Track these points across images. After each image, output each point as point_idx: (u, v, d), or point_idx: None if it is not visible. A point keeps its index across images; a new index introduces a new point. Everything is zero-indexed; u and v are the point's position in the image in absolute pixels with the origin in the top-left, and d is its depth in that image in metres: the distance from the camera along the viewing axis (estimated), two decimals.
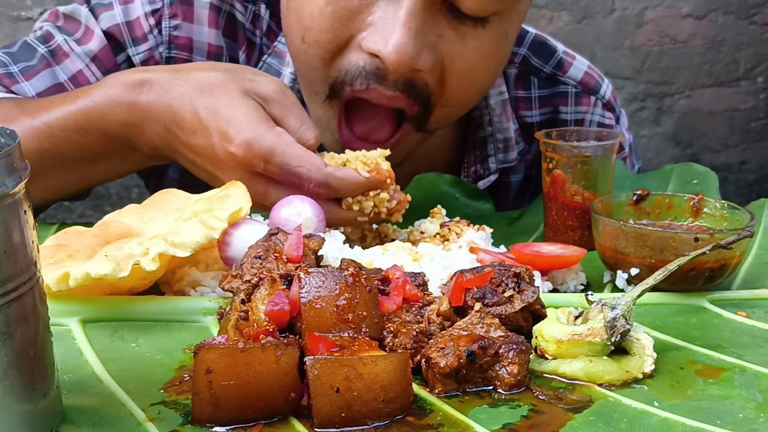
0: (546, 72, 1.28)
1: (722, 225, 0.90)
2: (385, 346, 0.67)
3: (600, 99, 1.31)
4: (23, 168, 0.54)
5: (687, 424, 0.61)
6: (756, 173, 3.02)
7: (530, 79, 1.27)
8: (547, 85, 1.28)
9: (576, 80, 1.29)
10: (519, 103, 1.27)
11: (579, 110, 1.29)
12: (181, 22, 1.14)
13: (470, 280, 0.74)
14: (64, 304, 0.76)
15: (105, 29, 1.14)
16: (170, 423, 0.60)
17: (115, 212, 0.90)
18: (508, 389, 0.65)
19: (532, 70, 1.27)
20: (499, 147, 1.24)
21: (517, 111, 1.26)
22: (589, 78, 1.30)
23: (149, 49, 1.15)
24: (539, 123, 1.28)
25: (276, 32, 1.18)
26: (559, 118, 1.29)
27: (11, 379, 0.54)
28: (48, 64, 1.12)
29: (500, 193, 1.30)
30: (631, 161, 1.36)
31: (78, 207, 2.53)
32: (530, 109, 1.28)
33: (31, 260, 0.55)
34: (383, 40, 0.93)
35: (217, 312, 0.78)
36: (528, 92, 1.27)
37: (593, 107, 1.30)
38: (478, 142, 1.24)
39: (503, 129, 1.23)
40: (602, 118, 1.31)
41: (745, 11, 2.81)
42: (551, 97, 1.28)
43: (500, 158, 1.24)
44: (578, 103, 1.29)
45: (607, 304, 0.70)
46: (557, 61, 1.29)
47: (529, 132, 1.27)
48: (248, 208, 0.86)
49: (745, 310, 0.82)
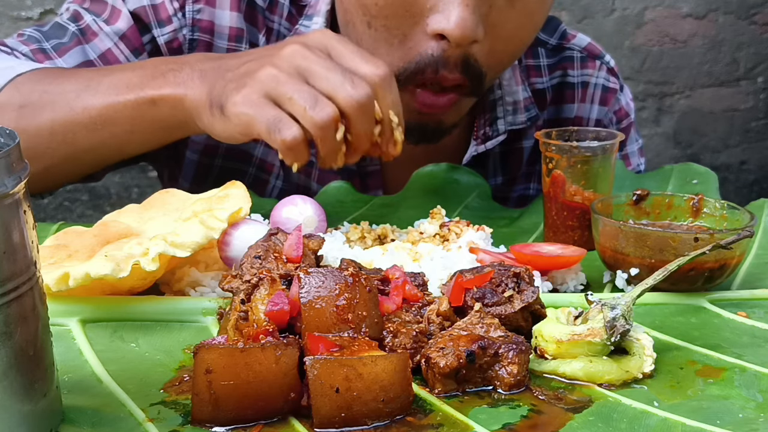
0: (552, 44, 1.34)
1: (722, 225, 0.90)
2: (385, 346, 0.67)
3: (605, 63, 1.36)
4: (23, 168, 0.55)
5: (687, 424, 0.61)
6: (756, 173, 3.02)
7: (538, 50, 1.33)
8: (554, 54, 1.34)
9: (580, 47, 1.35)
10: (530, 71, 1.32)
11: (585, 72, 1.35)
12: (204, 6, 1.18)
13: (470, 280, 0.74)
14: (64, 304, 0.76)
15: (131, 10, 1.17)
16: (170, 423, 0.61)
17: (114, 212, 0.90)
18: (507, 389, 0.65)
19: (538, 43, 1.33)
20: (508, 109, 1.28)
21: (528, 79, 1.32)
22: (592, 47, 1.37)
23: (173, 30, 1.18)
24: (550, 88, 1.34)
25: (296, 17, 1.22)
26: (567, 81, 1.34)
27: (11, 379, 0.54)
28: (79, 42, 1.15)
29: (513, 158, 1.33)
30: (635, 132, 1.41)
31: (78, 207, 2.53)
32: (540, 76, 1.33)
33: (30, 260, 0.55)
34: (445, 19, 0.98)
35: (217, 312, 0.78)
36: (537, 61, 1.33)
37: (598, 70, 1.35)
38: (488, 105, 1.27)
39: (512, 92, 1.28)
40: (607, 81, 1.36)
41: (745, 11, 2.81)
42: (559, 62, 1.34)
43: (509, 120, 1.27)
44: (584, 66, 1.35)
45: (606, 304, 0.70)
46: (561, 32, 1.35)
47: (541, 98, 1.33)
48: (248, 208, 0.86)
49: (745, 310, 0.82)
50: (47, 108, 1.01)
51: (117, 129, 1.01)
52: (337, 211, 1.08)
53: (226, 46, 1.20)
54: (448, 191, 1.17)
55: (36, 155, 1.00)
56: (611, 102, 1.36)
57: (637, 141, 1.41)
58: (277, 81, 0.89)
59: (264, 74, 0.90)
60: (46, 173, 1.04)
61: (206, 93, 0.94)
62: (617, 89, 1.37)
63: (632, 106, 1.41)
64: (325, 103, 0.88)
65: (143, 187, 2.60)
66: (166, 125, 1.00)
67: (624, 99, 1.38)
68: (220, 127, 0.94)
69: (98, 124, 1.00)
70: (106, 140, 1.02)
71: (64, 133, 1.01)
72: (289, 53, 0.91)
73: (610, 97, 1.36)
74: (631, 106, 1.40)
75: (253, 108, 0.89)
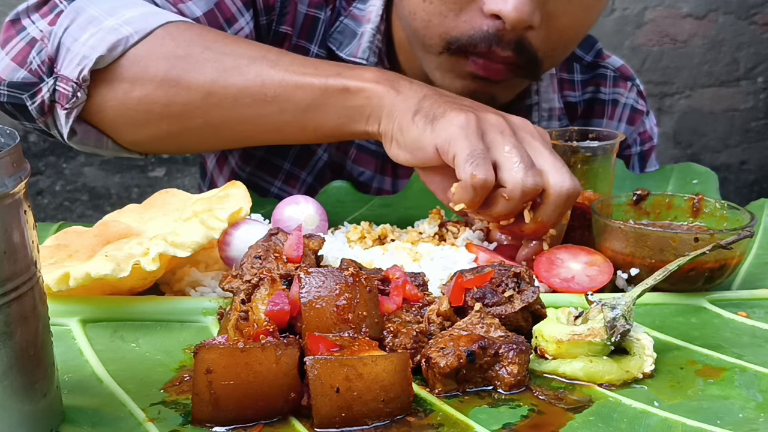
0: (587, 61, 1.36)
1: (722, 225, 0.90)
2: (385, 346, 0.67)
3: (636, 86, 1.39)
4: (23, 168, 0.55)
5: (687, 424, 0.61)
6: (756, 173, 3.02)
7: (573, 65, 1.35)
8: (588, 71, 1.37)
9: (614, 67, 1.38)
10: (564, 84, 1.34)
11: (616, 91, 1.37)
12: None
13: (470, 280, 0.74)
14: (64, 304, 0.76)
15: None
16: (170, 423, 0.61)
17: (115, 212, 0.90)
18: (508, 389, 0.65)
19: (574, 58, 1.35)
20: (543, 115, 1.29)
21: (561, 91, 1.34)
22: (625, 69, 1.39)
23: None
24: (582, 102, 1.36)
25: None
26: (598, 98, 1.37)
27: (11, 379, 0.54)
28: None
29: None
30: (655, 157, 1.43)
31: (78, 207, 2.53)
32: (573, 90, 1.35)
33: (31, 260, 0.55)
34: (503, 1, 0.99)
35: (217, 312, 0.78)
36: (571, 75, 1.35)
37: (629, 91, 1.38)
38: (523, 110, 1.28)
39: (548, 99, 1.30)
40: (636, 102, 1.38)
41: (745, 11, 2.81)
42: (592, 78, 1.36)
43: (544, 126, 1.28)
44: (616, 85, 1.37)
45: (607, 304, 0.70)
46: (597, 51, 1.38)
47: (572, 111, 1.35)
48: (248, 208, 0.86)
49: (745, 310, 0.82)
50: (209, 65, 0.95)
51: (289, 106, 0.95)
52: (337, 211, 1.08)
53: (305, 11, 1.19)
54: None
55: (181, 113, 0.96)
56: (638, 123, 1.38)
57: (656, 166, 1.42)
58: (502, 128, 0.86)
59: (488, 116, 0.87)
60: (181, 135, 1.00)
61: (416, 101, 0.90)
62: (644, 111, 1.40)
63: (656, 131, 1.43)
64: (537, 173, 0.84)
65: (143, 187, 2.60)
66: (343, 115, 0.95)
67: (649, 123, 1.41)
68: (412, 136, 0.88)
69: (269, 97, 0.94)
70: (267, 116, 0.96)
71: (223, 96, 0.95)
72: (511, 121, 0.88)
73: (637, 117, 1.38)
74: (654, 131, 1.42)
75: (466, 133, 0.84)
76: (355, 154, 1.27)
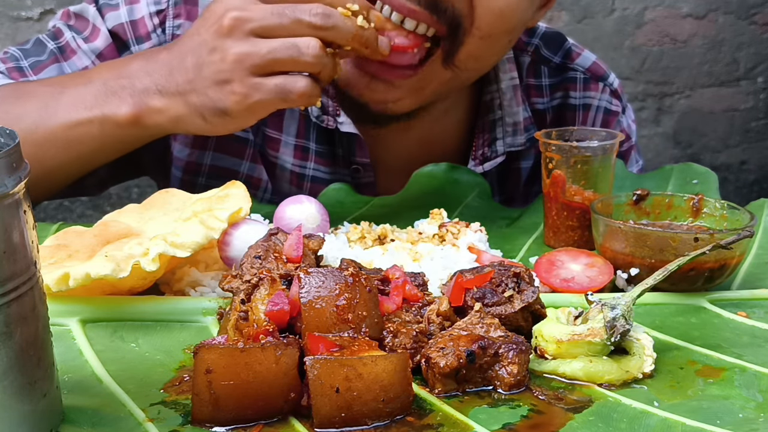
0: (555, 62, 1.31)
1: (722, 225, 0.90)
2: (385, 346, 0.67)
3: (608, 85, 1.34)
4: (23, 168, 0.55)
5: (687, 424, 0.61)
6: (756, 173, 3.02)
7: (541, 68, 1.30)
8: (557, 74, 1.31)
9: (584, 67, 1.32)
10: (531, 90, 1.30)
11: (587, 95, 1.32)
12: (184, 21, 1.16)
13: (470, 280, 0.74)
14: (64, 304, 0.76)
15: (110, 28, 1.16)
16: (170, 423, 0.61)
17: (115, 212, 0.90)
18: (507, 389, 0.65)
19: (542, 60, 1.31)
20: (508, 130, 1.26)
21: (529, 99, 1.29)
22: (596, 67, 1.33)
23: (152, 47, 1.16)
24: (551, 109, 1.31)
25: None
26: (568, 103, 1.32)
27: (11, 379, 0.54)
28: (56, 60, 1.15)
29: (510, 179, 1.31)
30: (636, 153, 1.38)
31: (78, 207, 2.53)
32: (541, 96, 1.31)
33: (30, 260, 0.55)
34: None
35: (217, 312, 0.78)
36: (539, 80, 1.30)
37: (601, 93, 1.33)
38: (487, 126, 1.26)
39: (513, 113, 1.26)
40: (609, 104, 1.33)
41: (745, 11, 2.81)
42: (561, 83, 1.31)
43: (508, 141, 1.26)
44: (587, 88, 1.32)
45: (607, 304, 0.70)
46: (566, 51, 1.32)
47: (541, 118, 1.30)
48: (248, 208, 0.86)
49: (745, 310, 0.82)
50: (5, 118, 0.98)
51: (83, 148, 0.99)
52: (337, 212, 1.08)
53: None
54: (448, 191, 1.17)
55: None
56: (612, 125, 1.33)
57: (638, 162, 1.39)
58: (248, 55, 0.88)
59: (232, 58, 0.89)
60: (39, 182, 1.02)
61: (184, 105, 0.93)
62: (619, 112, 1.34)
63: (634, 128, 1.38)
64: (302, 42, 0.88)
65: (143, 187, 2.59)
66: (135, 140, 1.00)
67: (626, 121, 1.36)
68: (227, 128, 0.94)
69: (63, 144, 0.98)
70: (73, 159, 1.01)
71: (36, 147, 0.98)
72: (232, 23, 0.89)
73: (611, 120, 1.33)
74: (633, 128, 1.38)
75: (253, 92, 0.89)
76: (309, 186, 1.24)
